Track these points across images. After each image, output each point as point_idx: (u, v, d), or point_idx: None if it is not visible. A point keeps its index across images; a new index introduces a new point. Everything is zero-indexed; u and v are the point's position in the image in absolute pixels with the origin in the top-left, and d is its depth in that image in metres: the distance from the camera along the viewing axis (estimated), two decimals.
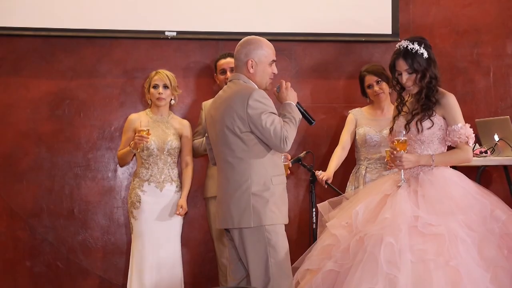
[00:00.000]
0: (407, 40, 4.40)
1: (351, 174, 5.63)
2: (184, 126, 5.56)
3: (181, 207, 5.40)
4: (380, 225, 4.10)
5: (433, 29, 6.25)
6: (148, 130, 5.22)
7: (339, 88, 6.39)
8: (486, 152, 5.55)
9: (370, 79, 5.54)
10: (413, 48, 4.34)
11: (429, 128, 4.33)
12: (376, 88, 5.51)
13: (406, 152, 4.32)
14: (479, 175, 5.87)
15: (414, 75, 4.36)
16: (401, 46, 4.39)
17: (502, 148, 5.55)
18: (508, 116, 5.63)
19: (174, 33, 6.11)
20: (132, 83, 6.16)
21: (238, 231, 4.23)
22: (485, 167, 5.94)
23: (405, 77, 4.38)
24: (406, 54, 4.35)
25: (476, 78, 6.47)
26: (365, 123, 5.56)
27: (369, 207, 4.31)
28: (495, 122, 5.70)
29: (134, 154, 5.41)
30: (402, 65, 4.37)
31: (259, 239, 4.19)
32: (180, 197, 5.45)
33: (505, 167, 5.94)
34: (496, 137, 5.58)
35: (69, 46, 6.10)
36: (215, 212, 4.50)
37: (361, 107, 5.70)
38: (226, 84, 4.49)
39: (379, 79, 5.51)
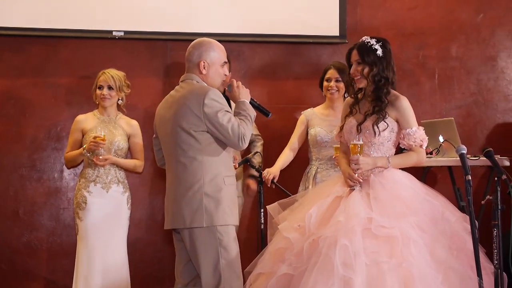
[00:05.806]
0: (370, 36, 4.46)
1: (304, 174, 5.60)
2: (133, 126, 5.49)
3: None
4: (334, 227, 4.10)
5: (379, 32, 6.29)
6: (104, 135, 5.17)
7: (287, 89, 6.41)
8: (431, 153, 5.64)
9: (332, 73, 5.50)
10: (369, 42, 4.40)
11: (384, 130, 4.34)
12: (332, 83, 5.47)
13: (362, 155, 4.30)
14: (424, 175, 5.98)
15: (361, 67, 4.39)
16: (360, 40, 4.46)
17: (447, 149, 5.64)
18: (452, 118, 5.74)
19: (122, 33, 6.07)
20: (79, 83, 6.09)
21: (189, 231, 4.21)
22: (430, 167, 6.04)
23: (353, 67, 4.43)
24: (361, 46, 4.42)
25: (422, 80, 6.56)
26: (316, 124, 5.54)
27: (321, 210, 4.29)
28: (440, 124, 5.79)
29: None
30: (354, 55, 4.44)
31: (211, 240, 4.17)
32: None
33: (450, 168, 6.04)
34: (441, 138, 5.67)
35: (14, 45, 6.02)
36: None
37: (313, 107, 5.69)
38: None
39: (339, 78, 5.47)
